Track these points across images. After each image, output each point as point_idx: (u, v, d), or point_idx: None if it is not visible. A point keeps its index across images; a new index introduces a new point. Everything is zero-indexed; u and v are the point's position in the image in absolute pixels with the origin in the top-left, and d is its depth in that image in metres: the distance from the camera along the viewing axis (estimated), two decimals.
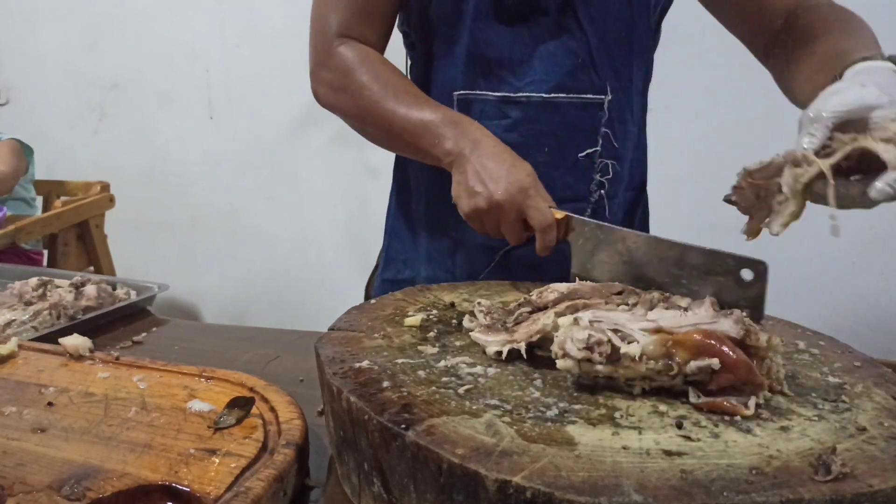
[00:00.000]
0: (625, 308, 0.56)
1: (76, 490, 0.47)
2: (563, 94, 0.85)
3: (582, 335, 0.50)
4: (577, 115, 0.86)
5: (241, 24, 2.46)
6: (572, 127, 0.86)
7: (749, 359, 0.48)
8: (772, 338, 0.50)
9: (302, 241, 2.58)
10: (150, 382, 0.65)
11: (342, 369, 0.52)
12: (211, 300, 2.79)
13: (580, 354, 0.49)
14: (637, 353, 0.48)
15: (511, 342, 0.56)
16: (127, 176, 2.63)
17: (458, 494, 0.40)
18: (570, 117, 0.86)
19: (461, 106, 0.88)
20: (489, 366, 0.55)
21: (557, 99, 0.85)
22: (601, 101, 0.86)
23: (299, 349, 0.83)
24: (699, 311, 0.53)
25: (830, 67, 0.69)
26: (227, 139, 2.58)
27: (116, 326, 0.93)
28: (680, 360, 0.48)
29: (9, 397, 0.63)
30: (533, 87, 0.85)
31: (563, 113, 0.86)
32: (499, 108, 0.86)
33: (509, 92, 0.86)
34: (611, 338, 0.50)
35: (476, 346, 0.59)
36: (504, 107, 0.86)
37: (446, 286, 0.77)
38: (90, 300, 0.94)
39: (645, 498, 0.36)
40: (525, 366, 0.55)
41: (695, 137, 2.02)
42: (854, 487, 0.37)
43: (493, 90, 0.86)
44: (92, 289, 0.96)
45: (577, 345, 0.50)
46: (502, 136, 0.83)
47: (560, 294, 0.62)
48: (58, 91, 2.71)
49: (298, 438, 0.53)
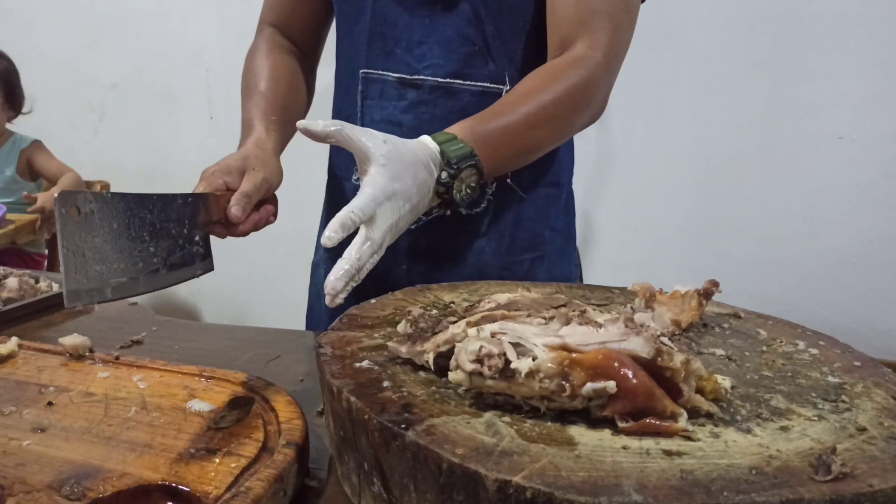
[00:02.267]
0: (541, 321, 0.52)
1: (76, 490, 0.47)
2: (459, 81, 0.86)
3: (473, 346, 0.47)
4: (473, 101, 0.86)
5: (241, 24, 2.46)
6: (468, 113, 0.82)
7: (653, 382, 0.44)
8: (690, 360, 0.45)
9: (302, 241, 2.57)
10: (150, 382, 0.65)
11: (342, 369, 0.52)
12: (211, 300, 2.79)
13: (470, 367, 0.46)
14: (525, 369, 0.44)
15: (420, 352, 0.53)
16: (127, 176, 2.63)
17: (458, 494, 0.40)
18: (466, 103, 0.86)
19: (364, 84, 0.89)
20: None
21: (453, 84, 0.86)
22: (499, 90, 0.86)
23: (299, 349, 0.83)
24: (612, 328, 0.49)
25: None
26: (227, 139, 2.57)
27: (37, 318, 0.97)
28: (576, 381, 0.44)
29: (9, 397, 0.63)
30: (430, 70, 0.86)
31: (458, 98, 0.87)
32: (397, 89, 0.88)
33: (406, 73, 0.87)
34: (506, 351, 0.46)
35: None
36: (402, 88, 0.88)
37: (446, 286, 0.77)
38: (11, 292, 0.99)
39: (645, 498, 0.36)
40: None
41: (694, 137, 2.02)
42: (854, 487, 0.37)
43: (392, 70, 0.88)
44: (13, 281, 1.01)
45: (468, 356, 0.46)
46: (399, 117, 0.87)
47: (496, 304, 0.58)
48: (58, 91, 2.71)
49: (298, 438, 0.53)
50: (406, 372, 0.52)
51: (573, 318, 0.51)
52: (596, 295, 0.75)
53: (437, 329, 0.55)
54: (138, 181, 2.68)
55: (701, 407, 0.46)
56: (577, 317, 0.51)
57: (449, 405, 0.47)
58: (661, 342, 0.47)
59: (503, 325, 0.50)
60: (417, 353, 0.53)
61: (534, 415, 0.46)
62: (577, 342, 0.47)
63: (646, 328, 0.49)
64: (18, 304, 0.97)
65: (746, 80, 1.93)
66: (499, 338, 0.48)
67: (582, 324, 0.50)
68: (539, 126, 0.78)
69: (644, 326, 0.49)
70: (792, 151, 1.95)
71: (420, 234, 0.89)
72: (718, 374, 0.49)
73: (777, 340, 0.62)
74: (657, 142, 2.08)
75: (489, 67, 0.86)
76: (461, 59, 0.85)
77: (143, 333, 0.89)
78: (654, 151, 2.12)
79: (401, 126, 0.87)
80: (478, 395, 0.48)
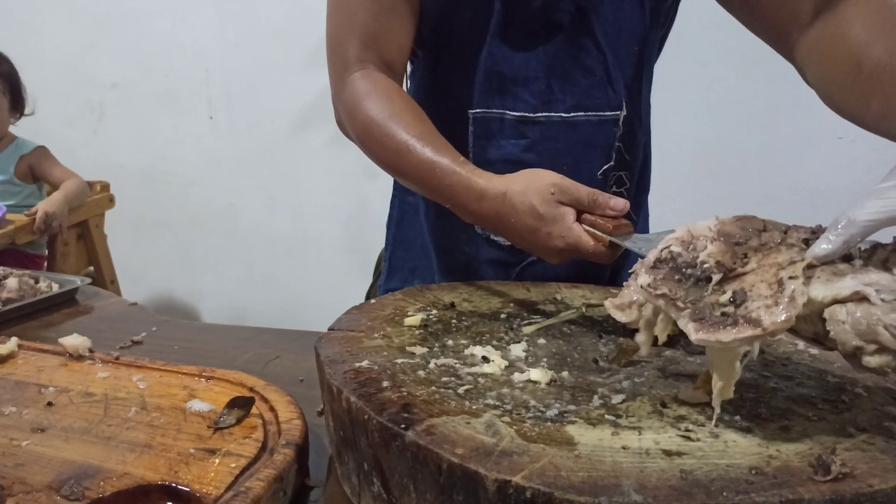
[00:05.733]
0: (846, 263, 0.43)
1: (76, 490, 0.47)
2: (582, 113, 0.84)
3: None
4: (593, 131, 0.85)
5: (241, 24, 2.47)
6: (588, 144, 0.85)
7: None
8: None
9: (302, 241, 2.58)
10: (150, 382, 0.65)
11: (342, 369, 0.52)
12: (210, 300, 2.79)
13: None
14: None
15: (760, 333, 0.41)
16: (127, 176, 2.64)
17: (457, 494, 0.40)
18: (587, 134, 0.85)
19: (477, 124, 0.86)
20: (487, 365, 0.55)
21: (576, 118, 0.84)
22: (617, 116, 0.85)
23: (299, 349, 0.83)
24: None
25: (887, 99, 0.59)
26: (227, 139, 2.58)
27: (37, 318, 0.98)
28: None
29: (9, 397, 0.63)
30: (551, 106, 0.84)
31: (580, 131, 0.85)
32: (516, 128, 0.85)
33: (527, 111, 0.84)
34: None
35: (475, 345, 0.59)
36: (522, 126, 0.85)
37: (446, 286, 0.77)
38: (11, 292, 0.99)
39: (645, 498, 0.36)
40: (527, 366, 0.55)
41: (695, 137, 2.02)
42: (854, 487, 0.37)
43: (509, 109, 0.85)
44: (13, 281, 1.01)
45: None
46: (520, 156, 0.83)
47: (703, 239, 0.48)
48: (58, 91, 2.71)
49: (298, 438, 0.53)
50: (406, 372, 0.52)
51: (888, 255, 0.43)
52: (596, 295, 0.75)
53: (732, 296, 0.43)
54: (138, 181, 2.68)
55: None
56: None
57: (449, 405, 0.47)
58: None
59: (868, 279, 0.41)
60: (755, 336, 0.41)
61: (534, 415, 0.46)
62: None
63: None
64: (18, 304, 0.97)
65: (746, 80, 1.93)
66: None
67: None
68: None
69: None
70: (792, 151, 1.95)
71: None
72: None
73: (777, 340, 0.62)
74: (657, 142, 2.08)
75: (609, 96, 0.85)
76: (583, 91, 0.84)
77: (142, 333, 0.89)
78: (654, 151, 2.11)
79: (522, 164, 0.79)
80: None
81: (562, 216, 0.67)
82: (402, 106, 0.78)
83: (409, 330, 0.62)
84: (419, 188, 0.78)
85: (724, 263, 0.46)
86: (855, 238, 0.44)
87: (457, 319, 0.66)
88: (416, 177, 0.75)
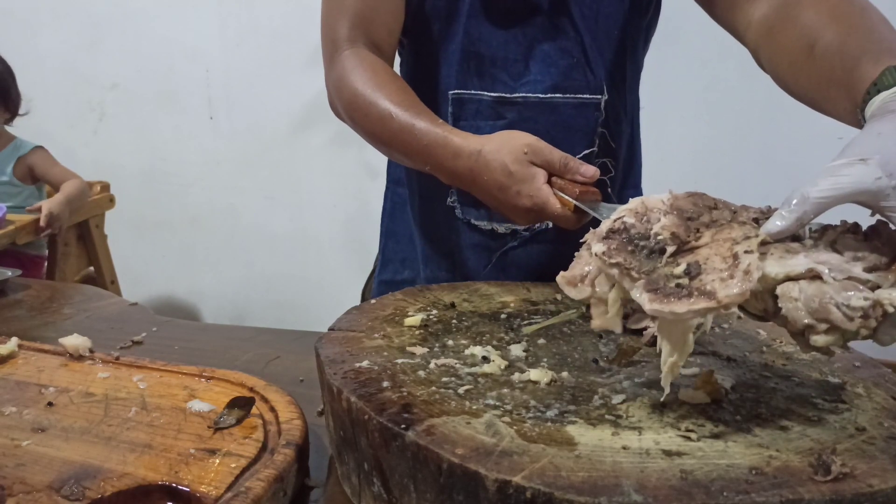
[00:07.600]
0: (803, 246, 0.43)
1: (76, 490, 0.47)
2: (559, 95, 0.85)
3: (858, 301, 0.38)
4: (573, 115, 0.86)
5: (241, 24, 2.47)
6: (568, 127, 0.85)
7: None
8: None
9: (302, 241, 2.58)
10: (150, 382, 0.65)
11: (342, 369, 0.52)
12: (210, 300, 2.79)
13: (855, 325, 0.38)
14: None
15: (714, 305, 0.40)
16: (127, 176, 2.64)
17: (458, 494, 0.40)
18: (566, 117, 0.86)
19: (455, 105, 0.87)
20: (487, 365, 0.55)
21: (553, 99, 0.85)
22: (598, 100, 0.86)
23: (299, 349, 0.83)
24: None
25: (838, 81, 0.59)
26: (227, 139, 2.58)
27: (37, 318, 0.97)
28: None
29: (9, 397, 0.63)
30: (528, 87, 0.85)
31: (559, 113, 0.86)
32: (494, 109, 0.86)
33: (504, 92, 0.85)
34: (882, 301, 0.38)
35: (475, 345, 0.59)
36: (500, 107, 0.86)
37: (446, 286, 0.77)
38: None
39: (645, 498, 0.36)
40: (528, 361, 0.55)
41: (694, 137, 2.02)
42: (854, 487, 0.37)
43: (487, 90, 0.86)
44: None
45: (851, 313, 0.38)
46: None
47: (657, 211, 0.48)
48: (58, 91, 2.71)
49: (298, 438, 0.53)
50: (406, 372, 0.52)
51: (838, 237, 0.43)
52: None
53: (688, 271, 0.43)
54: (138, 181, 2.68)
55: None
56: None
57: (449, 405, 0.47)
58: None
59: (818, 258, 0.41)
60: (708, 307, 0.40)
61: (534, 415, 0.46)
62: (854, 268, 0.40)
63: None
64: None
65: (746, 80, 1.93)
66: (841, 280, 0.40)
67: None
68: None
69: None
70: (792, 151, 1.95)
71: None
72: (718, 375, 0.49)
73: (777, 340, 0.62)
74: (657, 142, 2.08)
75: (588, 78, 0.85)
76: (561, 73, 0.84)
77: (143, 333, 0.88)
78: (654, 151, 2.11)
79: None
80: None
81: (532, 176, 0.69)
82: (386, 78, 0.81)
83: (409, 330, 0.62)
84: (402, 156, 0.80)
85: (679, 236, 0.46)
86: (808, 215, 0.44)
87: (457, 319, 0.66)
88: (398, 143, 0.78)
